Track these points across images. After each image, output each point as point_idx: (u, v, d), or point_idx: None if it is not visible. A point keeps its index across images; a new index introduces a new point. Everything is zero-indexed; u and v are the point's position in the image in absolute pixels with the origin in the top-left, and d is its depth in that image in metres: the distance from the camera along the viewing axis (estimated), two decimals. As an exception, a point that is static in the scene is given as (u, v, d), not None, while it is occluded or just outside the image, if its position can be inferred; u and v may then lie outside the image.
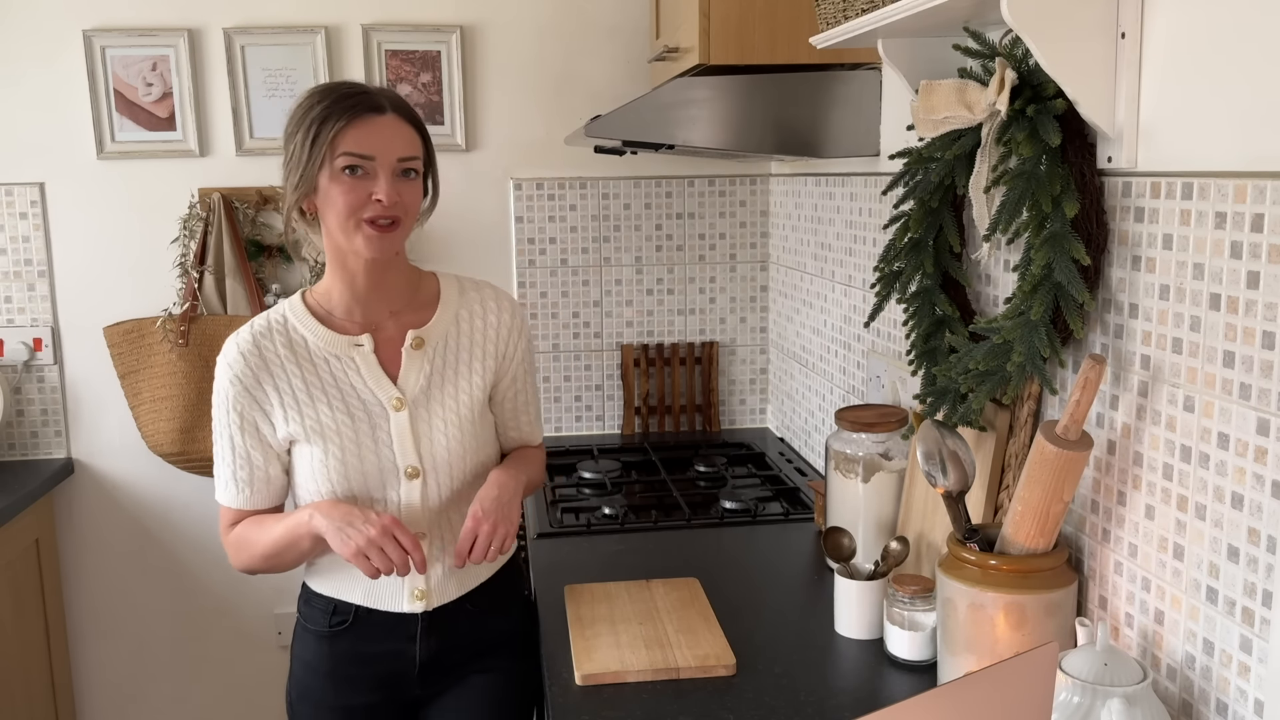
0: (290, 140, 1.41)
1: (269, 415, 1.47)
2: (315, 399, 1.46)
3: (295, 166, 1.40)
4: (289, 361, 1.47)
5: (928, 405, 1.45)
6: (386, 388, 1.48)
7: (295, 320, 1.49)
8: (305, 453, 1.48)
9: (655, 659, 1.44)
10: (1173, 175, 1.13)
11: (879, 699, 1.37)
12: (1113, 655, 1.11)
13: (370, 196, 1.38)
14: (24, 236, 2.57)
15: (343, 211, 1.39)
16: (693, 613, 1.58)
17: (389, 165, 1.39)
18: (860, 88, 1.98)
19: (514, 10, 2.63)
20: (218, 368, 1.49)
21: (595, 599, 1.63)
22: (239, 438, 1.48)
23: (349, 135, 1.38)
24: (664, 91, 1.97)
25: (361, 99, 1.40)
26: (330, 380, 1.47)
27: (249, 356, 1.47)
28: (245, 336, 1.48)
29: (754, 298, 2.81)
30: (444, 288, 1.58)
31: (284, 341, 1.48)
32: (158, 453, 2.56)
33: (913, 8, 1.28)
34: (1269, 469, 1.01)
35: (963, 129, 1.37)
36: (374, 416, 1.47)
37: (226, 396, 1.47)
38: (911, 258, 1.51)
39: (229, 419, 1.48)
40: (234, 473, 1.50)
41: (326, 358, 1.48)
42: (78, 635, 2.74)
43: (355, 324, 1.50)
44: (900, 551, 1.54)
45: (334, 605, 1.53)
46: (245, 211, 2.58)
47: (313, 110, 1.39)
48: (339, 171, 1.38)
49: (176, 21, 2.53)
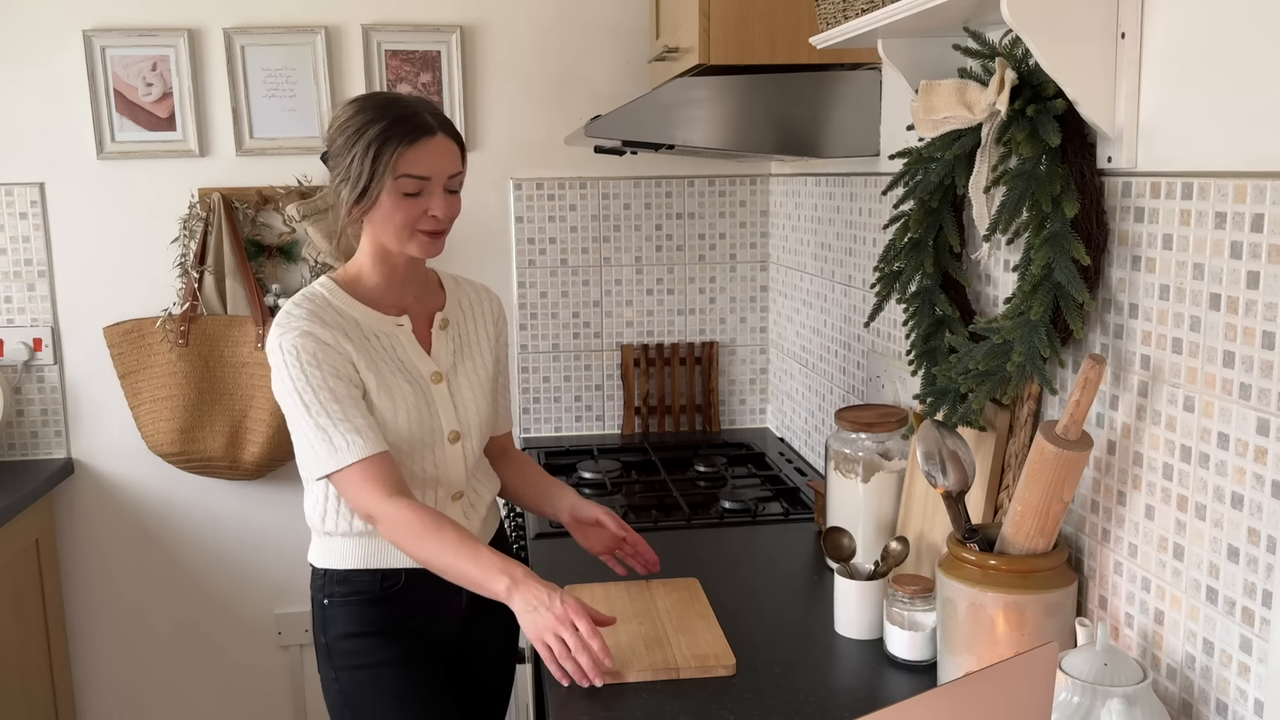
0: (346, 154, 1.49)
1: (354, 364, 1.52)
2: (380, 366, 1.55)
3: (355, 182, 1.49)
4: (350, 332, 1.54)
5: (928, 405, 1.45)
6: (427, 362, 1.61)
7: (338, 301, 1.57)
8: (379, 410, 1.53)
9: (655, 659, 1.44)
10: (1173, 175, 1.13)
11: (879, 699, 1.37)
12: (1113, 655, 1.11)
13: (426, 212, 1.52)
14: (24, 236, 2.57)
15: (401, 225, 1.51)
16: (692, 613, 1.58)
17: (441, 183, 1.52)
18: (860, 88, 1.98)
19: (514, 10, 2.63)
20: (283, 341, 1.49)
21: (595, 599, 1.63)
22: (341, 387, 1.49)
23: (409, 158, 1.48)
24: (664, 91, 1.97)
25: (417, 120, 1.49)
26: (384, 353, 1.57)
27: (320, 318, 1.52)
28: (302, 311, 1.53)
29: (754, 298, 2.81)
30: (443, 277, 1.73)
31: (337, 317, 1.55)
32: (158, 453, 2.56)
33: (913, 8, 1.28)
34: (1269, 469, 1.01)
35: (963, 129, 1.37)
36: (421, 386, 1.59)
37: (313, 356, 1.48)
38: (911, 258, 1.51)
39: (322, 375, 1.48)
40: (354, 424, 1.47)
41: (376, 334, 1.57)
42: (78, 635, 2.74)
43: (391, 307, 1.61)
44: (900, 551, 1.54)
45: (382, 574, 1.58)
46: (245, 211, 2.58)
47: (370, 128, 1.48)
48: (400, 191, 1.49)
49: (176, 21, 2.53)
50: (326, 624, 1.61)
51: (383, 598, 1.59)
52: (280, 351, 1.50)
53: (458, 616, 1.65)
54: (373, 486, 1.48)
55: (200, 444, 2.54)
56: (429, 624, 1.62)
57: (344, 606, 1.59)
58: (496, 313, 1.76)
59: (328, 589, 1.61)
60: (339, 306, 1.56)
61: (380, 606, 1.59)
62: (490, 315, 1.75)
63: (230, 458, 2.56)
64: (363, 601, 1.59)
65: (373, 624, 1.59)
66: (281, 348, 1.49)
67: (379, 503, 1.47)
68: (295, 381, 1.49)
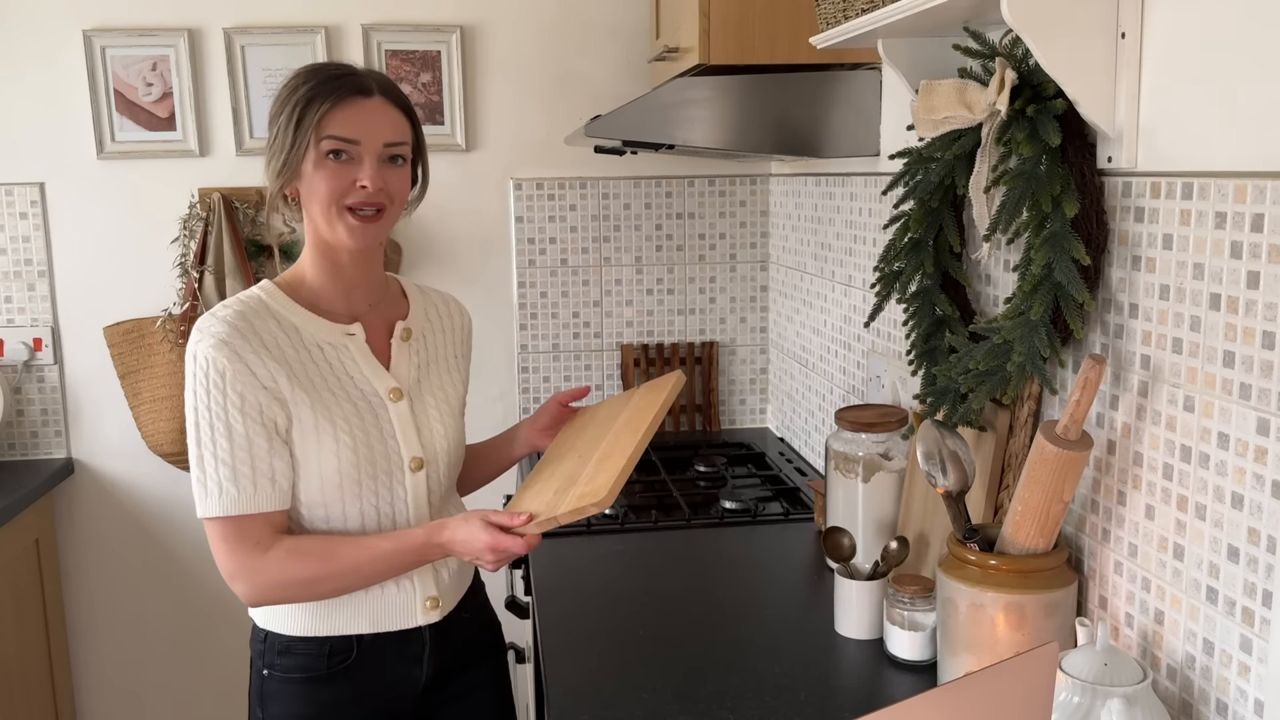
0: (274, 122, 1.34)
1: (271, 390, 1.31)
2: (318, 385, 1.34)
3: (278, 150, 1.32)
4: (284, 344, 1.34)
5: (928, 405, 1.45)
6: (383, 378, 1.40)
7: (278, 305, 1.37)
8: (311, 442, 1.33)
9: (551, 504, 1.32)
10: (1173, 175, 1.13)
11: (879, 699, 1.37)
12: (1113, 655, 1.11)
13: (354, 183, 1.32)
14: (24, 236, 2.57)
15: (325, 198, 1.32)
16: (630, 430, 1.38)
17: (374, 150, 1.33)
18: (860, 88, 1.98)
19: (514, 10, 2.62)
20: (198, 350, 1.30)
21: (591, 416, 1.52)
22: (239, 423, 1.29)
23: (334, 118, 1.31)
24: (664, 91, 1.97)
25: (348, 80, 1.33)
26: (327, 368, 1.37)
27: (243, 331, 1.31)
28: (227, 314, 1.33)
29: (754, 298, 2.81)
30: (406, 286, 1.54)
31: (274, 325, 1.35)
32: (158, 453, 2.56)
33: (913, 8, 1.28)
34: (1269, 469, 1.01)
35: (963, 129, 1.37)
36: (374, 407, 1.38)
37: (221, 375, 1.28)
38: (911, 258, 1.51)
39: (224, 403, 1.28)
40: (233, 470, 1.29)
41: (320, 345, 1.37)
42: (78, 635, 2.74)
43: (341, 314, 1.41)
44: (900, 551, 1.54)
45: (330, 644, 1.39)
46: (245, 211, 2.58)
47: (297, 91, 1.32)
48: (323, 156, 1.31)
49: (176, 21, 2.53)
50: (265, 699, 1.41)
51: (329, 675, 1.39)
52: (191, 360, 1.31)
53: (415, 694, 1.45)
54: (237, 544, 1.30)
55: (200, 444, 2.54)
56: (380, 704, 1.42)
57: (285, 684, 1.40)
58: (467, 328, 1.58)
59: (268, 658, 1.41)
60: (276, 311, 1.36)
61: (327, 685, 1.39)
62: (463, 329, 1.57)
63: (230, 458, 2.56)
64: (306, 680, 1.39)
65: (319, 706, 1.39)
66: (194, 356, 1.30)
67: (246, 559, 1.30)
68: (196, 399, 1.30)
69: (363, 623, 1.40)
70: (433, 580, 1.44)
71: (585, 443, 1.44)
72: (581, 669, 1.46)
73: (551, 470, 1.43)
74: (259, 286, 1.40)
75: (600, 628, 1.59)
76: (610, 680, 1.42)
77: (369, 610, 1.40)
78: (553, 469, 1.44)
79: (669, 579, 1.77)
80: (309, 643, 1.39)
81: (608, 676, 1.43)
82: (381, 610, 1.41)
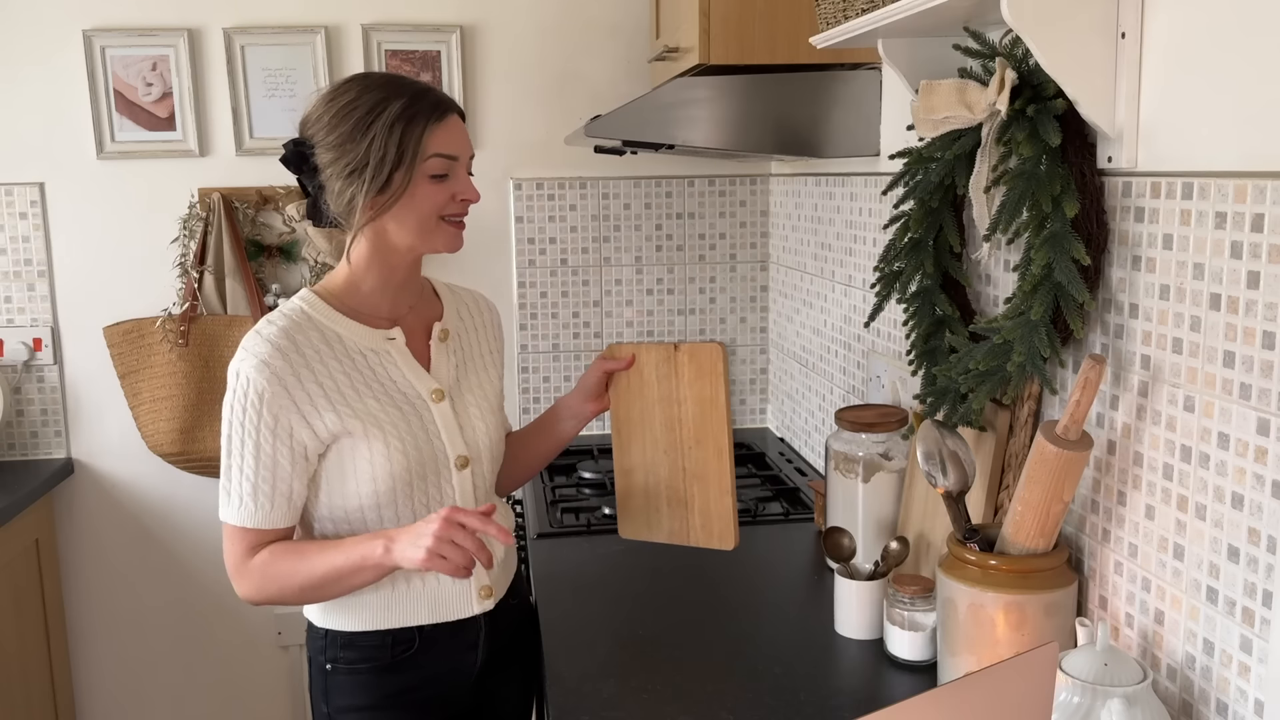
0: (360, 139, 1.32)
1: (308, 417, 1.34)
2: (361, 393, 1.38)
3: (376, 169, 1.32)
4: (327, 356, 1.37)
5: (928, 405, 1.45)
6: (425, 379, 1.44)
7: (320, 316, 1.40)
8: (361, 449, 1.37)
9: (674, 526, 1.53)
10: (1173, 175, 1.13)
11: (879, 699, 1.37)
12: (1113, 655, 1.11)
13: (453, 196, 1.38)
14: (24, 236, 2.57)
15: (429, 212, 1.36)
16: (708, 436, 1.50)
17: (465, 164, 1.40)
18: (860, 88, 1.98)
19: (514, 10, 2.62)
20: (241, 368, 1.34)
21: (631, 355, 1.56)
22: (268, 443, 1.33)
23: (436, 136, 1.35)
24: (664, 91, 1.97)
25: (438, 98, 1.37)
26: (370, 374, 1.40)
27: (285, 351, 1.34)
28: (273, 331, 1.35)
29: (754, 298, 2.81)
30: (437, 286, 1.57)
31: (317, 336, 1.38)
32: (158, 453, 2.56)
33: (913, 8, 1.28)
34: (1269, 469, 1.01)
35: (963, 129, 1.37)
36: (417, 408, 1.42)
37: (259, 396, 1.32)
38: (911, 258, 1.51)
39: (258, 422, 1.33)
40: (255, 486, 1.34)
41: (363, 351, 1.40)
42: (78, 635, 2.74)
43: (382, 319, 1.44)
44: (900, 551, 1.54)
45: (392, 636, 1.44)
46: (245, 211, 2.58)
47: (388, 105, 1.32)
48: (426, 173, 1.35)
49: (176, 21, 2.53)
50: (329, 693, 1.45)
51: (394, 665, 1.44)
52: (234, 376, 1.35)
53: (471, 679, 1.50)
54: (238, 548, 1.37)
55: (200, 444, 2.54)
56: (442, 690, 1.48)
57: (350, 675, 1.44)
58: (497, 323, 1.62)
59: (330, 653, 1.45)
60: (319, 321, 1.39)
61: (391, 675, 1.44)
62: (494, 326, 1.61)
63: (230, 458, 2.56)
64: (372, 670, 1.44)
65: (383, 695, 1.44)
66: (237, 373, 1.34)
67: (239, 563, 1.37)
68: (232, 413, 1.34)
69: (422, 614, 1.45)
70: (485, 571, 1.46)
71: (662, 432, 1.55)
72: (581, 669, 1.46)
73: (641, 463, 1.56)
74: (300, 297, 1.42)
75: (600, 628, 1.59)
76: (610, 680, 1.42)
77: (427, 602, 1.44)
78: (639, 461, 1.57)
79: (669, 579, 1.77)
80: (371, 635, 1.44)
81: (608, 676, 1.43)
82: (439, 601, 1.45)
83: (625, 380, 1.57)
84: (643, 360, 1.54)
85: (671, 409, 1.52)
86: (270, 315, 1.39)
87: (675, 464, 1.53)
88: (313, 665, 1.48)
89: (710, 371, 1.47)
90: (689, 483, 1.52)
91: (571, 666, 1.46)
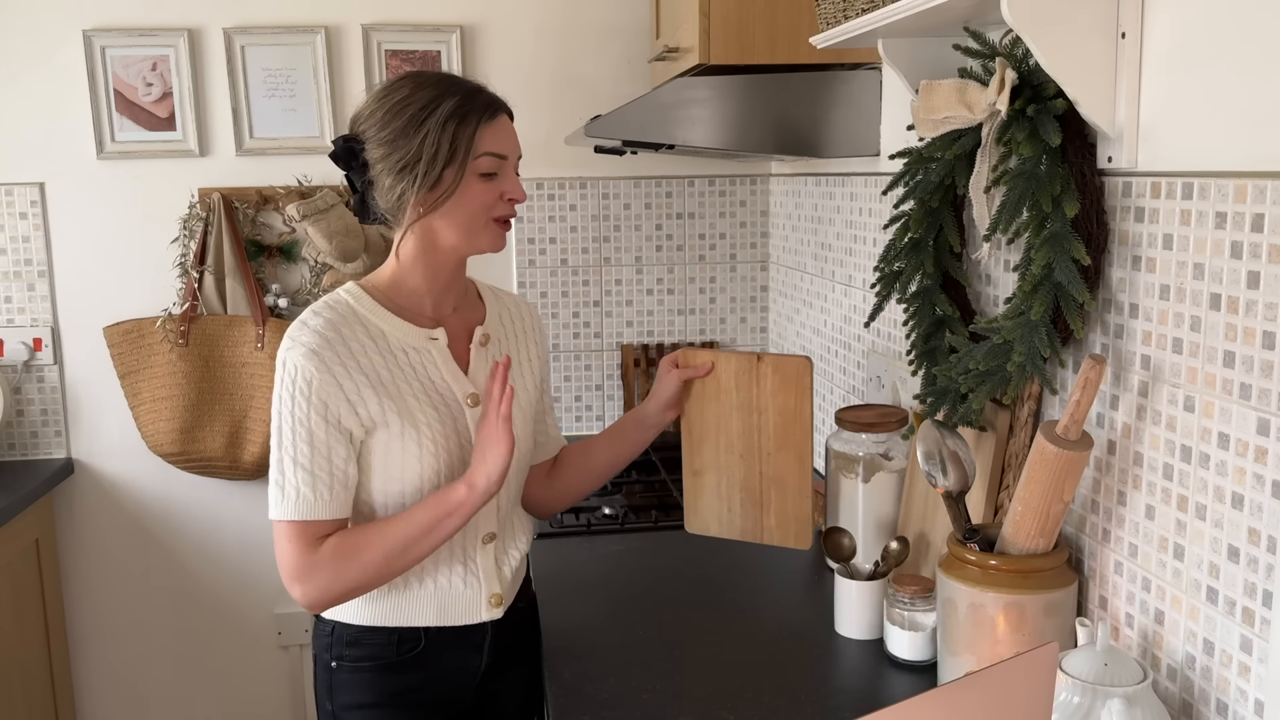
0: (413, 136, 1.32)
1: (354, 404, 1.34)
2: (402, 389, 1.37)
3: (428, 165, 1.32)
4: (371, 350, 1.37)
5: (928, 405, 1.45)
6: (462, 383, 1.43)
7: (365, 310, 1.39)
8: (395, 446, 1.36)
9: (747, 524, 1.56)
10: (1173, 175, 1.13)
11: (879, 699, 1.37)
12: (1113, 655, 1.11)
13: (501, 196, 1.38)
14: (24, 236, 2.57)
15: (478, 211, 1.37)
16: (789, 443, 1.54)
17: (514, 164, 1.40)
18: (860, 88, 1.98)
19: (514, 10, 2.62)
20: (289, 356, 1.33)
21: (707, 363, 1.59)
22: (320, 429, 1.32)
23: (487, 136, 1.35)
24: (664, 91, 1.97)
25: (488, 97, 1.38)
26: (410, 372, 1.39)
27: (332, 341, 1.34)
28: (319, 322, 1.36)
29: (754, 298, 2.81)
30: (481, 288, 1.57)
31: (362, 330, 1.38)
32: (158, 453, 2.56)
33: (913, 8, 1.28)
34: (1269, 469, 1.01)
35: (963, 129, 1.37)
36: (453, 411, 1.41)
37: (308, 383, 1.32)
38: (911, 258, 1.51)
39: (308, 410, 1.32)
40: (311, 475, 1.32)
41: (405, 349, 1.39)
42: (78, 635, 2.74)
43: (426, 318, 1.44)
44: (900, 551, 1.54)
45: (398, 634, 1.43)
46: (245, 211, 2.58)
47: (441, 103, 1.33)
48: (476, 172, 1.35)
49: (176, 21, 2.53)
50: (334, 690, 1.45)
51: (399, 664, 1.43)
52: (281, 366, 1.35)
53: (475, 680, 1.50)
54: (300, 545, 1.33)
55: (200, 444, 2.54)
56: (446, 690, 1.48)
57: (355, 673, 1.44)
58: (537, 328, 1.60)
59: (336, 650, 1.44)
60: (363, 316, 1.39)
61: (395, 674, 1.44)
62: (534, 333, 1.59)
63: (230, 458, 2.56)
64: (376, 668, 1.43)
65: (387, 694, 1.44)
66: (284, 363, 1.34)
67: (306, 558, 1.32)
68: (282, 404, 1.34)
69: (429, 616, 1.44)
70: (497, 579, 1.47)
71: (739, 437, 1.57)
72: (581, 669, 1.46)
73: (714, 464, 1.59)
74: (345, 290, 1.42)
75: (600, 628, 1.59)
76: (610, 680, 1.42)
77: (435, 604, 1.44)
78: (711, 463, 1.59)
79: (669, 579, 1.77)
80: (377, 633, 1.43)
81: (608, 676, 1.43)
82: (448, 605, 1.44)
83: (700, 386, 1.59)
84: (721, 368, 1.56)
85: (751, 416, 1.55)
86: (315, 306, 1.39)
87: (752, 468, 1.56)
88: (318, 663, 1.48)
89: (796, 384, 1.50)
90: (765, 486, 1.55)
91: (571, 666, 1.46)
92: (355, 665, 1.44)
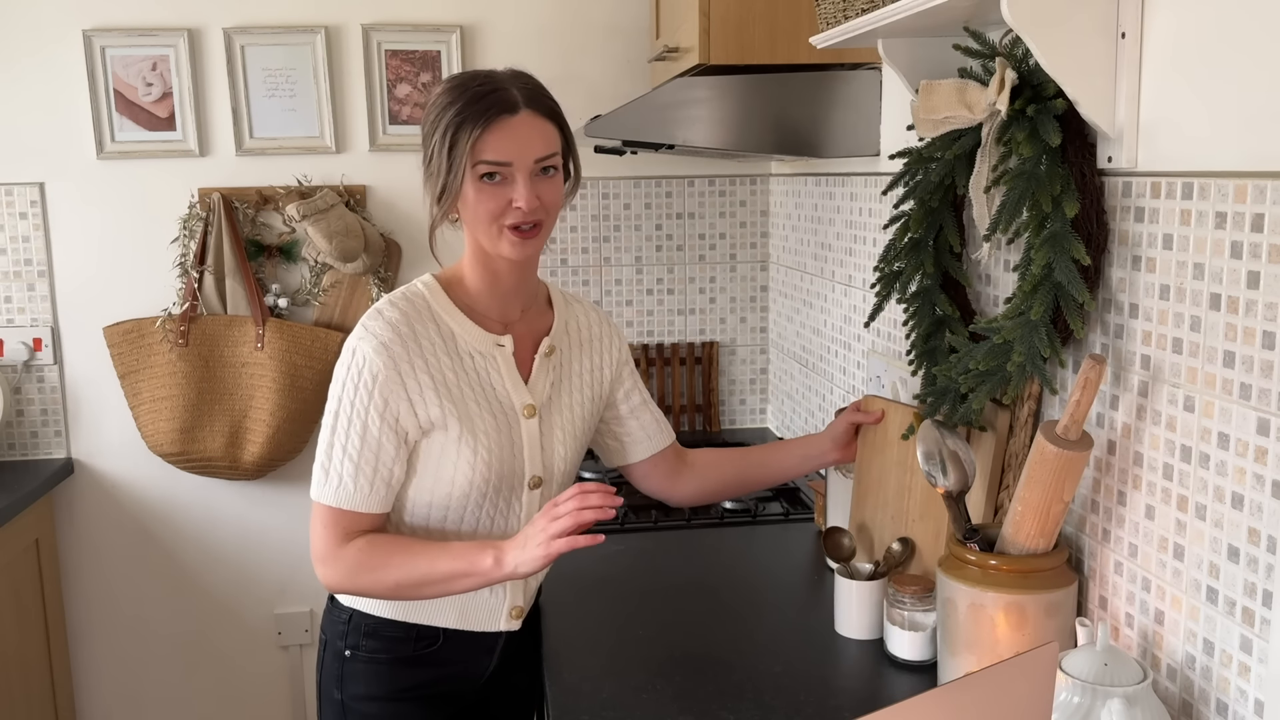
0: (428, 143, 1.34)
1: (415, 404, 1.34)
2: (465, 394, 1.37)
3: (435, 175, 1.33)
4: (440, 351, 1.37)
5: (928, 405, 1.45)
6: (522, 393, 1.42)
7: (439, 308, 1.39)
8: (450, 449, 1.36)
9: None
10: (1173, 175, 1.13)
11: (879, 699, 1.37)
12: (1113, 655, 1.11)
13: (510, 203, 1.33)
14: (24, 236, 2.57)
15: (485, 219, 1.34)
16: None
17: (526, 169, 1.33)
18: (860, 88, 1.98)
19: (514, 10, 2.62)
20: (359, 346, 1.34)
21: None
22: (375, 425, 1.33)
23: (485, 143, 1.31)
24: (664, 91, 1.97)
25: (494, 98, 1.31)
26: (474, 377, 1.39)
27: (404, 336, 1.35)
28: (395, 315, 1.36)
29: (754, 298, 2.81)
30: (553, 293, 1.54)
31: (434, 329, 1.38)
32: (158, 453, 2.56)
33: (913, 8, 1.28)
34: (1269, 469, 1.01)
35: (963, 129, 1.37)
36: (510, 421, 1.41)
37: (374, 377, 1.32)
38: (911, 258, 1.51)
39: (368, 403, 1.33)
40: (357, 466, 1.33)
41: (472, 353, 1.39)
42: (78, 635, 2.74)
43: (494, 322, 1.43)
44: (900, 551, 1.54)
45: (417, 630, 1.44)
46: (245, 211, 2.58)
47: (446, 113, 1.32)
48: (478, 180, 1.32)
49: (176, 21, 2.53)
50: (344, 680, 1.45)
51: (413, 659, 1.44)
52: (350, 353, 1.35)
53: (483, 679, 1.52)
54: (332, 533, 1.35)
55: (200, 444, 2.54)
56: (453, 686, 1.49)
57: (369, 664, 1.44)
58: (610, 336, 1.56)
59: (351, 639, 1.44)
60: (437, 313, 1.39)
61: (409, 669, 1.45)
62: (601, 341, 1.55)
63: (230, 458, 2.56)
64: (391, 661, 1.44)
65: (398, 688, 1.45)
66: (354, 350, 1.34)
67: (331, 548, 1.34)
68: (343, 389, 1.34)
69: (450, 618, 1.46)
70: (521, 592, 1.50)
71: (893, 497, 1.57)
72: (581, 669, 1.46)
73: (871, 522, 1.60)
74: (422, 282, 1.42)
75: (600, 628, 1.59)
76: (610, 680, 1.42)
77: (458, 607, 1.45)
78: (869, 520, 1.61)
79: (669, 579, 1.77)
80: (397, 626, 1.44)
81: (608, 676, 1.43)
82: (470, 610, 1.46)
83: (873, 435, 1.58)
84: (889, 418, 1.56)
85: (905, 475, 1.54)
86: (392, 297, 1.39)
87: (896, 534, 1.54)
88: (328, 650, 1.47)
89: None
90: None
91: (571, 666, 1.46)
92: (370, 657, 1.44)
